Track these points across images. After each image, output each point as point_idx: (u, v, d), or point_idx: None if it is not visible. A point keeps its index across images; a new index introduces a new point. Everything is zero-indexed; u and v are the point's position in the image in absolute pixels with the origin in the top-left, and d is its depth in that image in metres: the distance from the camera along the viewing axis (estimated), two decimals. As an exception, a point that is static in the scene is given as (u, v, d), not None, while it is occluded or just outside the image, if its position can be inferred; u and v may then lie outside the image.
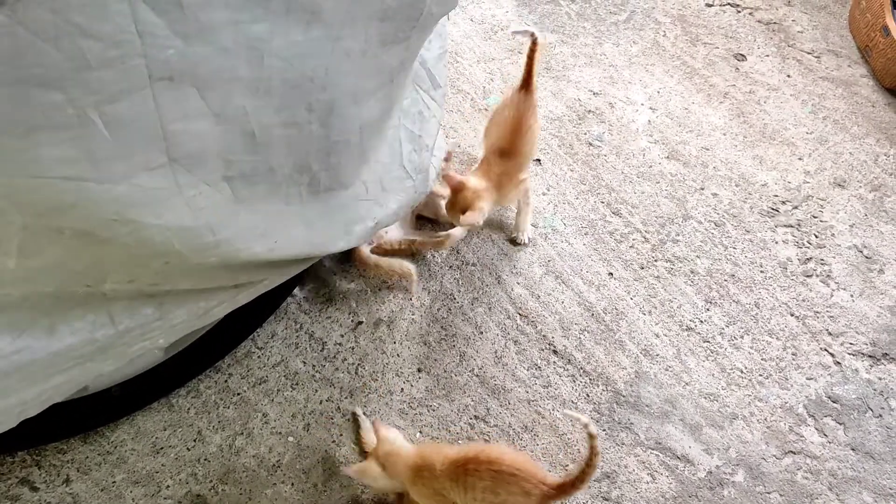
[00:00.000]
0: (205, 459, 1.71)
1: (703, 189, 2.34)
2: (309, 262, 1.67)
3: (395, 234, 2.03)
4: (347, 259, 2.04)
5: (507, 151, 1.93)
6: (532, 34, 1.91)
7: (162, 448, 1.71)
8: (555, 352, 1.97)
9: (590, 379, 1.93)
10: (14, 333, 1.16)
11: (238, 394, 1.81)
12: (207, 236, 1.24)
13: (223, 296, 1.51)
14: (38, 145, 0.94)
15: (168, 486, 1.67)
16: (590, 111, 2.50)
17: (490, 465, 1.48)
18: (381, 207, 1.63)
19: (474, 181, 1.88)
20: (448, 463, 1.51)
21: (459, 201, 1.85)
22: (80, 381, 1.35)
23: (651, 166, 2.38)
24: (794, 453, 1.86)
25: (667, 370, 1.96)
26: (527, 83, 1.93)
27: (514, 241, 2.15)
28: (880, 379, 2.00)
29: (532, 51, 1.91)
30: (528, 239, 2.15)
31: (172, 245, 1.21)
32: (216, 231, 1.25)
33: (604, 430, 1.85)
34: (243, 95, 1.20)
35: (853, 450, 1.88)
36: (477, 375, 1.91)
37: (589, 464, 1.46)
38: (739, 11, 2.89)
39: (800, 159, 2.46)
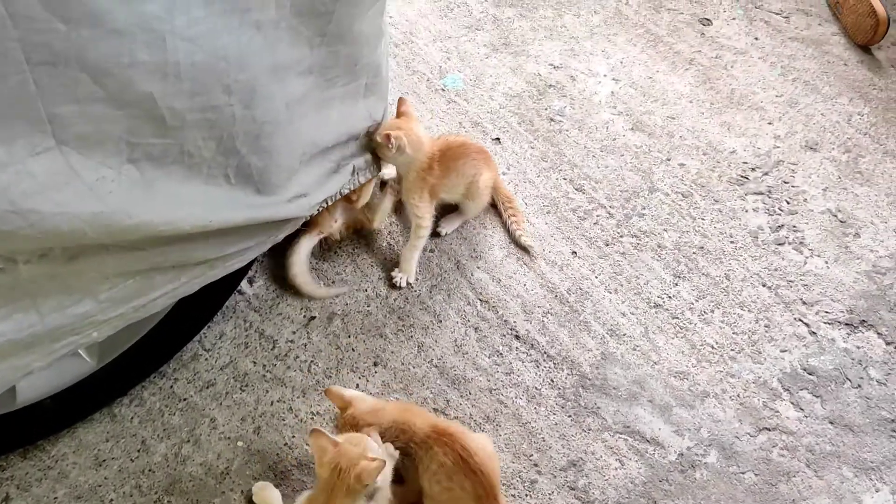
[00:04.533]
0: (149, 470, 1.63)
1: (669, 160, 2.25)
2: (255, 251, 1.59)
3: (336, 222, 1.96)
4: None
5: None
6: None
7: (104, 460, 1.64)
8: (517, 337, 1.89)
9: (554, 363, 1.85)
10: None
11: (184, 399, 1.73)
12: (124, 220, 1.17)
13: (163, 286, 1.42)
14: None
15: (111, 500, 1.59)
16: (550, 86, 2.41)
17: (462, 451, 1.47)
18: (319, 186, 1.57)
19: (418, 128, 1.84)
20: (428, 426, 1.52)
21: (394, 124, 1.76)
22: (7, 379, 1.27)
23: (615, 139, 2.29)
24: (770, 430, 1.78)
25: (634, 350, 1.88)
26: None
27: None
28: (858, 347, 1.92)
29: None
30: (407, 283, 1.97)
31: (85, 233, 1.14)
32: (132, 214, 1.18)
33: (569, 417, 1.77)
34: (148, 81, 1.12)
35: (831, 423, 1.80)
36: (436, 366, 1.83)
37: None
38: (704, -26, 2.79)
39: (769, 124, 2.37)
